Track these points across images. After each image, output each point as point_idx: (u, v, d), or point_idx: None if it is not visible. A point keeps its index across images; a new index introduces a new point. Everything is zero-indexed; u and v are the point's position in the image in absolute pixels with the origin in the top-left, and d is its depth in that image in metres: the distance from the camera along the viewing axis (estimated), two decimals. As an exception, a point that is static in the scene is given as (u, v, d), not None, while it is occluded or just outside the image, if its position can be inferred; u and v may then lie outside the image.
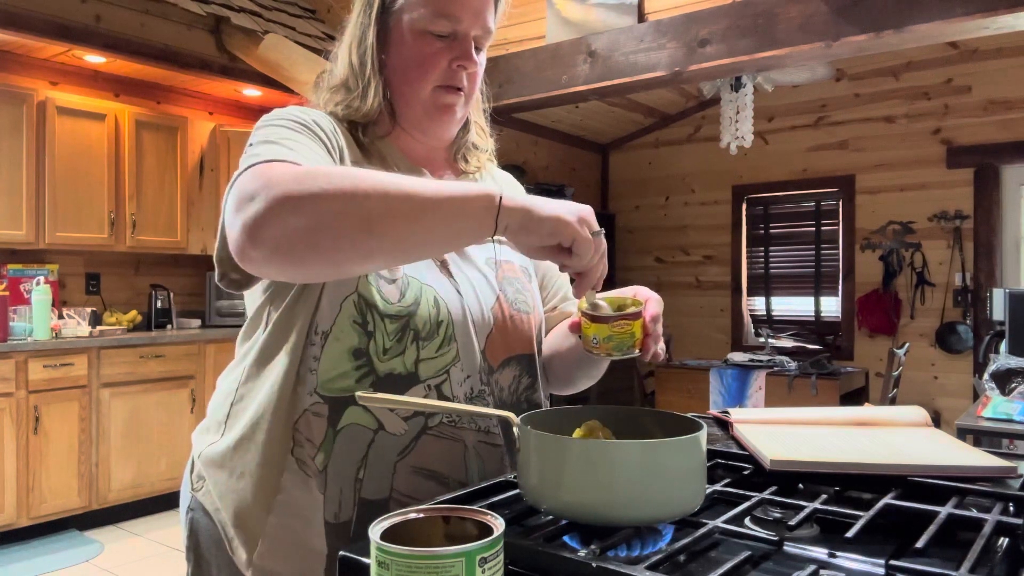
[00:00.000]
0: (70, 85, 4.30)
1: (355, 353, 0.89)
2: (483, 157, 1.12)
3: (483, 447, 0.94)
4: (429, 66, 0.96)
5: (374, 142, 1.00)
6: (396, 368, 0.90)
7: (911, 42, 3.02)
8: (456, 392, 0.93)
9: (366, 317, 0.89)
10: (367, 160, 0.97)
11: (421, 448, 0.90)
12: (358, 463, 0.89)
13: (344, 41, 1.02)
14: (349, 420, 0.89)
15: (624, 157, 6.99)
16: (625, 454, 0.68)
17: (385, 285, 0.90)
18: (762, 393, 4.48)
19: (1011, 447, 2.58)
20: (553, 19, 3.79)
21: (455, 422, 0.92)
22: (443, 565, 0.53)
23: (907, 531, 0.70)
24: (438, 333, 0.92)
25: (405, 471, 0.90)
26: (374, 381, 0.89)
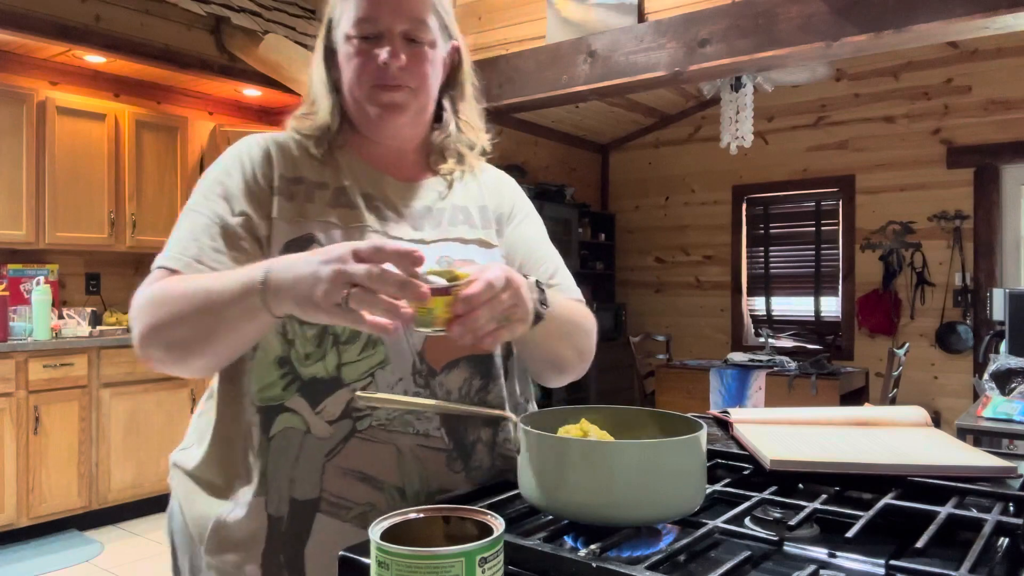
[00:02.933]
0: (70, 85, 4.30)
1: (279, 362, 0.93)
2: (469, 156, 1.11)
3: (423, 451, 0.93)
4: (360, 68, 0.99)
5: (333, 153, 1.03)
6: (318, 373, 0.92)
7: (911, 42, 3.02)
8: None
9: (285, 326, 0.92)
10: (323, 170, 1.01)
11: (350, 451, 0.91)
12: (291, 464, 0.92)
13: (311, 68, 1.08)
14: (280, 426, 0.93)
15: (624, 157, 6.99)
16: (625, 454, 0.68)
17: None
18: (762, 393, 4.48)
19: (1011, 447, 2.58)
20: (553, 19, 3.79)
21: (385, 425, 0.92)
22: (443, 565, 0.53)
23: (907, 531, 0.70)
24: (359, 336, 0.92)
25: (334, 472, 0.91)
26: (299, 386, 0.92)
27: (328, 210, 0.98)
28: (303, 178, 1.00)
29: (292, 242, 0.94)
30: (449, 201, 1.07)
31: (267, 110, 5.18)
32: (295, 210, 0.97)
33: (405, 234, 1.00)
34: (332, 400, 0.92)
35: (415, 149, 1.09)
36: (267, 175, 0.98)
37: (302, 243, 0.94)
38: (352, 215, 0.99)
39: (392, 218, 1.01)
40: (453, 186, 1.09)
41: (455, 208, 1.07)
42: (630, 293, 6.89)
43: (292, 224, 0.96)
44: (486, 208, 1.10)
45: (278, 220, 0.96)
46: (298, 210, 0.97)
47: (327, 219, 0.97)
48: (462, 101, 1.11)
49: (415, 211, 1.03)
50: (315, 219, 0.97)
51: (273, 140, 1.03)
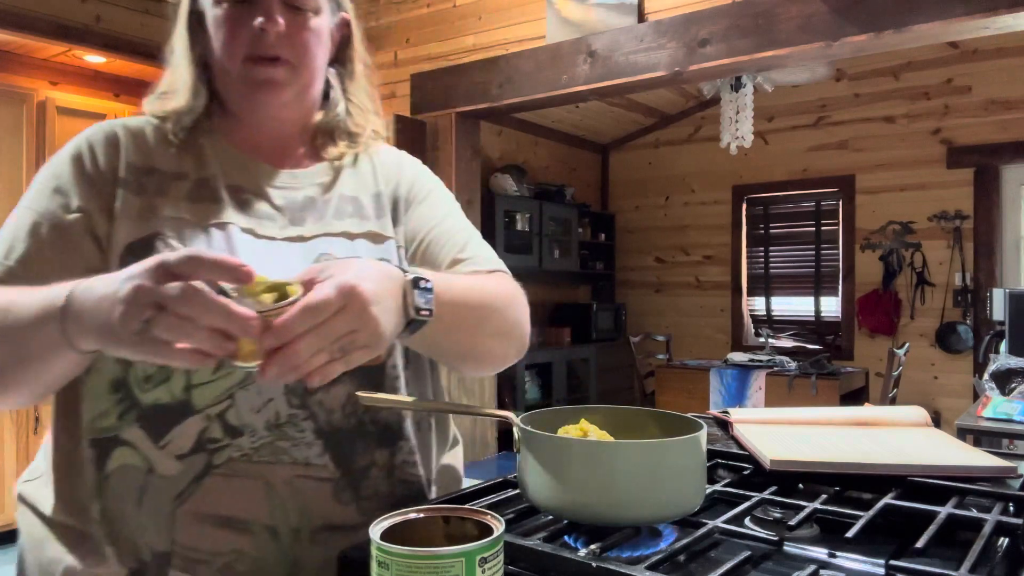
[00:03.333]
0: (70, 85, 4.30)
1: (114, 385, 0.78)
2: (362, 139, 0.97)
3: (302, 482, 0.80)
4: (230, 36, 0.85)
5: (198, 139, 0.89)
6: (162, 398, 0.77)
7: (911, 42, 3.02)
8: (251, 420, 0.79)
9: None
10: (183, 159, 0.88)
11: (206, 491, 0.77)
12: (135, 509, 0.78)
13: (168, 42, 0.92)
14: (117, 463, 0.78)
15: (624, 157, 6.99)
16: (625, 454, 0.68)
17: None
18: (762, 393, 4.48)
19: (1011, 447, 2.58)
20: (553, 19, 3.79)
21: (251, 456, 0.78)
22: (443, 565, 0.53)
23: (907, 531, 0.70)
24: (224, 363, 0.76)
25: (187, 519, 0.77)
26: (138, 415, 0.78)
27: (183, 205, 0.84)
28: (156, 168, 0.86)
29: (135, 243, 0.80)
30: (336, 191, 0.93)
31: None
32: (142, 205, 0.83)
33: (279, 231, 0.86)
34: (180, 431, 0.77)
35: (297, 133, 0.95)
36: (111, 164, 0.84)
37: (147, 244, 0.80)
38: (212, 210, 0.84)
39: (265, 213, 0.87)
40: (342, 173, 0.95)
41: (343, 198, 0.93)
42: (630, 293, 6.89)
43: (137, 222, 0.81)
44: (380, 195, 0.95)
45: (121, 218, 0.81)
46: (146, 205, 0.83)
47: (180, 215, 0.83)
48: (351, 80, 0.98)
49: (295, 203, 0.89)
50: (165, 216, 0.82)
51: (123, 125, 0.88)
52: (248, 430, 0.78)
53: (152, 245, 0.80)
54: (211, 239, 0.82)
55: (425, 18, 4.35)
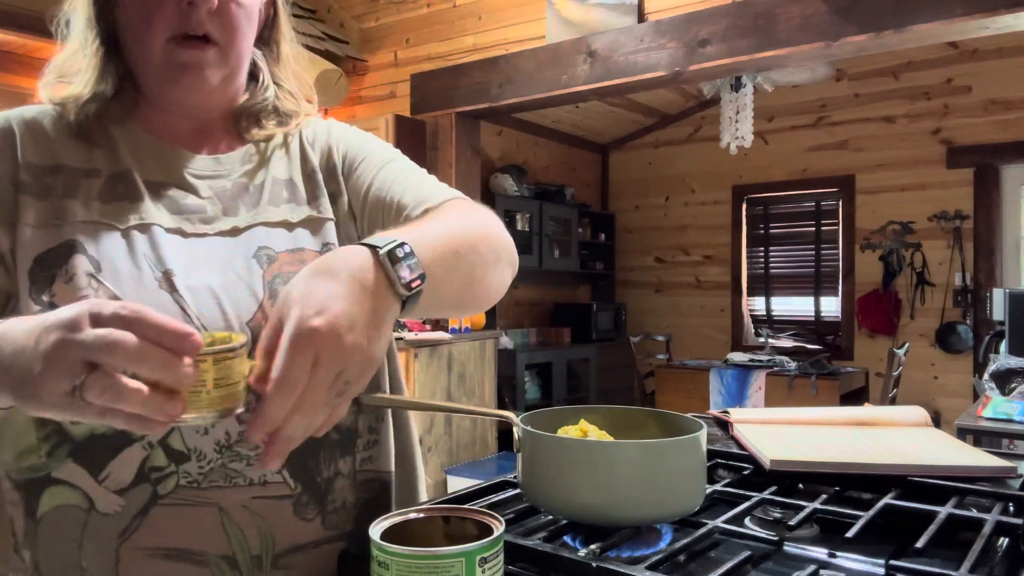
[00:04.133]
0: (70, 85, 4.30)
1: (38, 420, 0.69)
2: (294, 120, 0.88)
3: (259, 503, 0.73)
4: (153, 11, 0.74)
5: (107, 129, 0.79)
6: (96, 428, 0.68)
7: (911, 42, 3.02)
8: (197, 443, 0.71)
9: None
10: (92, 153, 0.78)
11: (152, 524, 0.70)
12: (74, 552, 0.70)
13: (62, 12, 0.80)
14: (51, 504, 0.70)
15: (624, 157, 6.99)
16: (625, 454, 0.68)
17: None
18: (762, 393, 4.49)
19: (1011, 447, 2.58)
20: (553, 19, 3.79)
21: (199, 482, 0.70)
22: (443, 565, 0.53)
23: (907, 531, 0.70)
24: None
25: (134, 556, 0.69)
26: (71, 450, 0.69)
27: (96, 205, 0.74)
28: (62, 166, 0.76)
29: (45, 255, 0.71)
30: (269, 174, 0.84)
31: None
32: (49, 210, 0.73)
33: (209, 225, 0.78)
34: (119, 462, 0.69)
35: (220, 118, 0.85)
36: (8, 167, 0.74)
37: (60, 255, 0.71)
38: (131, 209, 0.75)
39: (192, 207, 0.78)
40: (272, 156, 0.86)
41: (276, 182, 0.84)
42: (630, 293, 6.89)
43: (45, 230, 0.72)
44: (314, 173, 0.86)
45: (25, 226, 0.72)
46: (54, 210, 0.73)
47: (94, 218, 0.73)
48: (277, 64, 0.89)
49: (224, 192, 0.81)
50: (77, 220, 0.73)
51: (19, 118, 0.78)
52: (195, 454, 0.71)
53: (65, 256, 0.71)
54: (133, 243, 0.73)
55: (425, 18, 4.36)
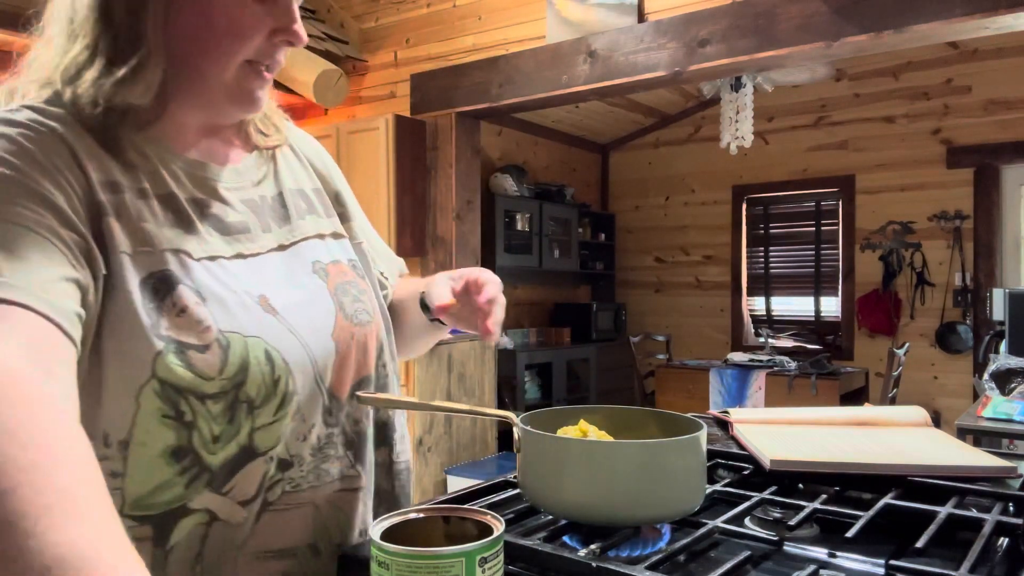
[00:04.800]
0: (70, 85, 4.30)
1: (174, 454, 0.67)
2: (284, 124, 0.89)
3: (340, 497, 0.78)
4: (246, 36, 0.72)
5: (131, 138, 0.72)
6: (231, 452, 0.70)
7: (911, 42, 3.02)
8: (298, 450, 0.75)
9: (179, 406, 0.66)
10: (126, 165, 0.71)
11: (261, 530, 0.72)
12: (192, 565, 0.70)
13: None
14: (183, 533, 0.69)
15: (624, 157, 6.99)
16: (625, 454, 0.68)
17: (198, 356, 0.67)
18: (762, 393, 4.49)
19: (1011, 447, 2.58)
20: (553, 19, 3.79)
21: (299, 484, 0.75)
22: (443, 565, 0.53)
23: (907, 531, 0.70)
24: (275, 394, 0.71)
25: (248, 561, 0.72)
26: (208, 478, 0.69)
27: (170, 233, 0.71)
28: (119, 183, 0.69)
29: (145, 281, 0.67)
30: (284, 185, 0.84)
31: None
32: (132, 235, 0.68)
33: (257, 244, 0.78)
34: (243, 476, 0.70)
35: (234, 128, 0.83)
36: (81, 183, 0.67)
37: (157, 283, 0.68)
38: (196, 239, 0.72)
39: (235, 226, 0.76)
40: (278, 164, 0.85)
41: (293, 194, 0.84)
42: (630, 293, 6.89)
43: (137, 258, 0.68)
44: (319, 191, 0.88)
45: (120, 254, 0.67)
46: (135, 234, 0.68)
47: (173, 246, 0.70)
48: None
49: (252, 205, 0.79)
50: (162, 248, 0.69)
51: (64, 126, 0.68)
52: (297, 460, 0.75)
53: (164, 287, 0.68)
54: (211, 270, 0.72)
55: (425, 18, 4.36)
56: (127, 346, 0.65)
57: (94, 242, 0.65)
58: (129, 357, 0.65)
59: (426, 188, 4.46)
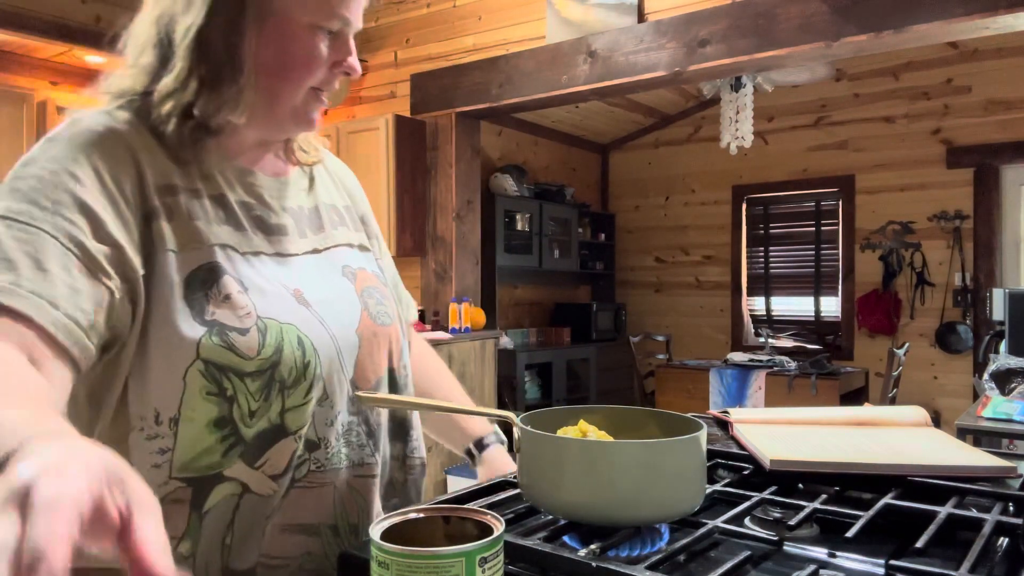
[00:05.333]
0: (70, 85, 4.30)
1: (217, 424, 0.75)
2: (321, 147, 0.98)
3: (358, 481, 0.86)
4: (315, 65, 0.82)
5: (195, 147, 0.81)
6: (263, 426, 0.77)
7: (911, 42, 3.02)
8: (326, 433, 0.82)
9: (221, 383, 0.75)
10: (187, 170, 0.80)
11: (288, 504, 0.80)
12: (224, 532, 0.77)
13: (194, 8, 0.78)
14: (218, 497, 0.76)
15: (624, 157, 6.99)
16: (625, 454, 0.68)
17: (238, 338, 0.75)
18: (762, 393, 4.49)
19: (1011, 447, 2.58)
20: (553, 19, 3.79)
21: (324, 466, 0.82)
22: (443, 565, 0.53)
23: (907, 531, 0.70)
24: (305, 376, 0.79)
25: (274, 532, 0.79)
26: (243, 450, 0.76)
27: (215, 228, 0.79)
28: (177, 186, 0.79)
29: (191, 278, 0.76)
30: (319, 199, 0.94)
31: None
32: (183, 233, 0.77)
33: (295, 246, 0.86)
34: (274, 452, 0.78)
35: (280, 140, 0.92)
36: (140, 189, 0.76)
37: (206, 276, 0.76)
38: (242, 236, 0.82)
39: (276, 228, 0.85)
40: (315, 180, 0.95)
41: (327, 207, 0.94)
42: (630, 293, 6.89)
43: (185, 253, 0.76)
44: (349, 208, 0.99)
45: (167, 252, 0.75)
46: (186, 232, 0.77)
47: (221, 241, 0.79)
48: None
49: (293, 214, 0.89)
50: (209, 243, 0.78)
51: (132, 131, 0.78)
52: (323, 443, 0.82)
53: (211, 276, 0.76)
54: (254, 264, 0.80)
55: (425, 18, 4.36)
56: (172, 333, 0.73)
57: (140, 242, 0.74)
58: (174, 342, 0.73)
59: (426, 188, 4.46)
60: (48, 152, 0.73)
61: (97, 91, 0.83)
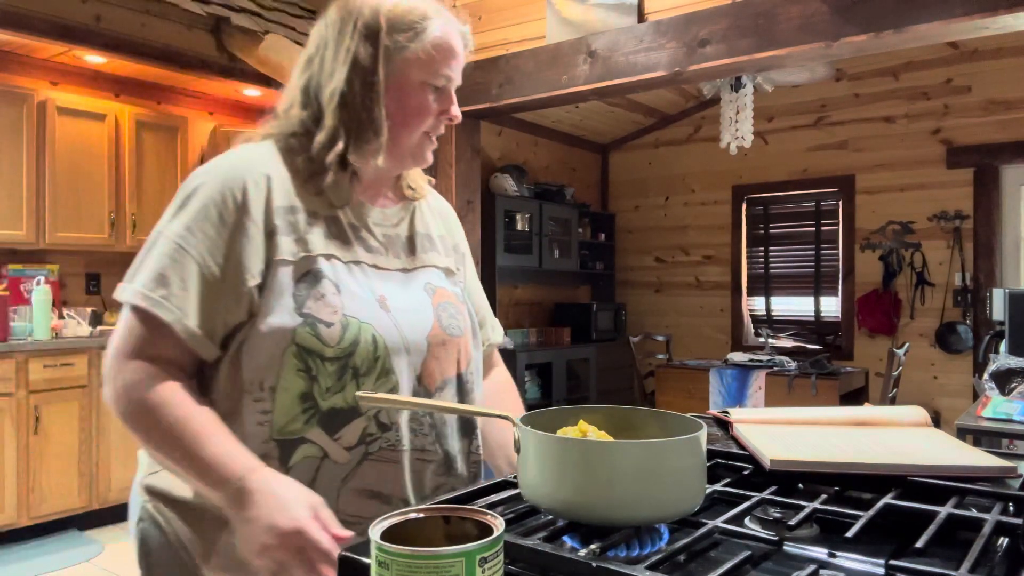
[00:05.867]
0: (70, 85, 4.30)
1: (302, 397, 0.95)
2: (426, 185, 1.17)
3: (418, 463, 1.02)
4: (426, 115, 1.03)
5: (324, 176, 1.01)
6: (337, 403, 0.96)
7: (911, 42, 3.02)
8: (395, 419, 0.99)
9: (308, 363, 0.94)
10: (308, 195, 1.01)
11: (363, 472, 0.97)
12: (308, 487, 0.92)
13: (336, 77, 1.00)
14: (300, 456, 0.95)
15: (624, 157, 6.99)
16: (625, 454, 0.68)
17: (324, 329, 0.94)
18: (762, 393, 4.48)
19: (1011, 447, 2.58)
20: (553, 19, 3.79)
21: (395, 445, 0.99)
22: (443, 565, 0.53)
23: (907, 531, 0.70)
24: (375, 368, 0.97)
25: (348, 494, 0.97)
26: (320, 418, 0.95)
27: (324, 242, 0.99)
28: (297, 207, 1.00)
29: (300, 280, 0.96)
30: (416, 228, 1.12)
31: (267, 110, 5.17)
32: (298, 244, 0.98)
33: (390, 263, 1.05)
34: (349, 428, 0.96)
35: (395, 176, 1.12)
36: (268, 219, 0.97)
37: (311, 280, 0.96)
38: (346, 248, 1.01)
39: (375, 247, 1.05)
40: (415, 213, 1.13)
41: (422, 236, 1.12)
42: (630, 293, 6.89)
43: (297, 261, 0.97)
44: (444, 237, 1.17)
45: (283, 260, 0.96)
46: (300, 243, 0.98)
47: (328, 252, 0.99)
48: None
49: (392, 239, 1.08)
50: (317, 253, 0.98)
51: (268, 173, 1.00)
52: (393, 427, 0.99)
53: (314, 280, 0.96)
54: (353, 273, 1.00)
55: (425, 18, 4.35)
56: (278, 322, 0.94)
57: (264, 255, 0.96)
58: (279, 331, 0.94)
59: (426, 188, 4.45)
60: (207, 181, 0.97)
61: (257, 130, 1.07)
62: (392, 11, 1.00)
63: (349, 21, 1.00)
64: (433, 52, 1.01)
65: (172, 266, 0.93)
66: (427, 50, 1.01)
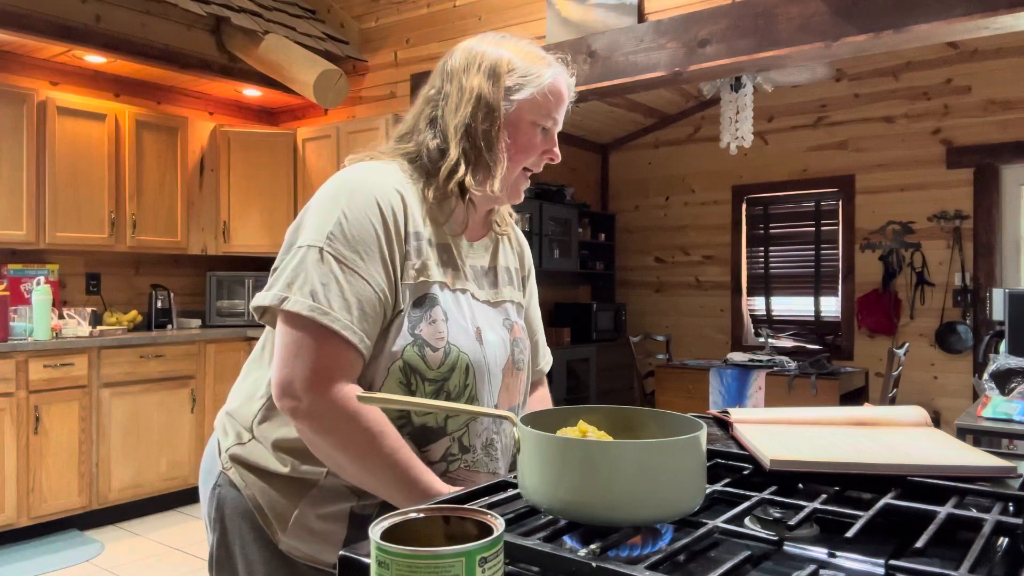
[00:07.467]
0: (70, 85, 4.30)
1: (399, 410, 1.03)
2: (511, 222, 1.28)
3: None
4: (532, 152, 1.13)
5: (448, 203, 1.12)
6: (428, 422, 1.06)
7: (911, 42, 3.02)
8: (474, 442, 1.10)
9: (410, 379, 1.03)
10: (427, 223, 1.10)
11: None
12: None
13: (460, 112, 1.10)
14: None
15: (624, 157, 6.99)
16: (625, 454, 0.68)
17: (430, 352, 1.04)
18: (762, 393, 4.48)
19: (1011, 447, 2.58)
20: (553, 19, 3.79)
21: (470, 466, 1.09)
22: (443, 565, 0.53)
23: (907, 531, 0.70)
24: (464, 394, 1.07)
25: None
26: (410, 431, 1.05)
27: (438, 269, 1.09)
28: (421, 233, 1.09)
29: (417, 302, 1.06)
30: (498, 262, 1.22)
31: (267, 110, 5.18)
32: (419, 268, 1.07)
33: (480, 294, 1.15)
34: (435, 446, 1.06)
35: (489, 211, 1.21)
36: (402, 240, 1.06)
37: (425, 303, 1.06)
38: (453, 275, 1.11)
39: (470, 277, 1.15)
40: (498, 246, 1.23)
41: (503, 269, 1.22)
42: (630, 293, 6.89)
43: (416, 284, 1.06)
44: (518, 271, 1.28)
45: (407, 281, 1.05)
46: (420, 268, 1.07)
47: (441, 279, 1.09)
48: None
49: (479, 272, 1.17)
50: (433, 279, 1.08)
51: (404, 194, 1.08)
52: (472, 449, 1.09)
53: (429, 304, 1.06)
54: (459, 301, 1.10)
55: (425, 18, 4.35)
56: (393, 339, 1.04)
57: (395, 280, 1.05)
58: (393, 346, 1.03)
59: (426, 188, 4.45)
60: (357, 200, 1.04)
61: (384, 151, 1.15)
62: (514, 57, 1.12)
63: (474, 64, 1.11)
64: (549, 95, 1.11)
65: (350, 289, 1.01)
66: (543, 93, 1.11)
